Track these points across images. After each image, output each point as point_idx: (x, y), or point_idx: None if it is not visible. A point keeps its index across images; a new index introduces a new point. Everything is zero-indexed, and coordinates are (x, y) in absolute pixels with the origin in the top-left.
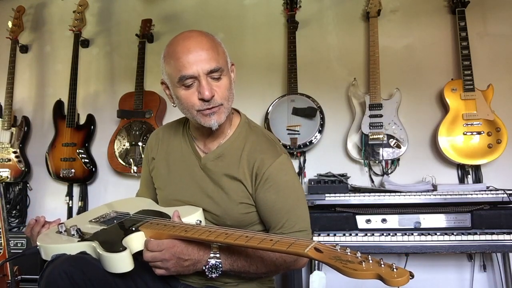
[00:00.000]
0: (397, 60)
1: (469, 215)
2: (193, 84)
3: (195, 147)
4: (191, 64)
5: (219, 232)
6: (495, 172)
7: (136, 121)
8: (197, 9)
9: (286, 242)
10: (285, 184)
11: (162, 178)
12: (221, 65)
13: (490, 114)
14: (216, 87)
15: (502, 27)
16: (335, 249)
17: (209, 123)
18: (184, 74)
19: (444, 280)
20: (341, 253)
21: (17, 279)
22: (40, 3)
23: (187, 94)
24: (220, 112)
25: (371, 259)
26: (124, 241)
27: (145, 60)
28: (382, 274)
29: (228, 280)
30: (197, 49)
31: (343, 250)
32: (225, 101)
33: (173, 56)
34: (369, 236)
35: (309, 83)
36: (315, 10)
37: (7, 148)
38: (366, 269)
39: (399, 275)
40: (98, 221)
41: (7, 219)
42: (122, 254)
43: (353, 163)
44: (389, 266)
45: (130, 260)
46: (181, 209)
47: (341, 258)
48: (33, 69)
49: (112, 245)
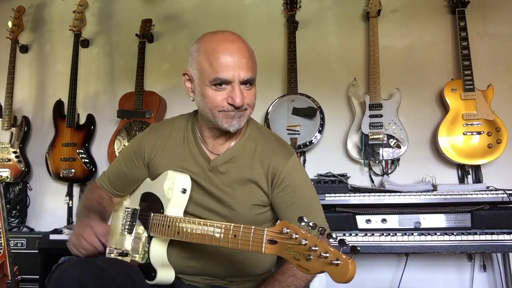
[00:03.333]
0: (397, 60)
1: (469, 215)
2: (224, 87)
3: (203, 148)
4: (229, 69)
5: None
6: (495, 172)
7: (136, 121)
8: (197, 9)
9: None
10: (300, 182)
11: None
12: (255, 76)
13: (490, 114)
14: (246, 94)
15: (502, 27)
16: (288, 239)
17: (229, 124)
18: (220, 77)
19: (444, 280)
20: (293, 243)
21: (17, 279)
22: (40, 3)
23: (215, 95)
24: (243, 116)
25: (316, 247)
26: (151, 258)
27: (145, 60)
28: (326, 271)
29: (234, 279)
30: (239, 55)
31: (293, 235)
32: (250, 108)
33: (212, 54)
34: (369, 236)
35: (309, 83)
36: (315, 10)
37: (7, 148)
38: (313, 266)
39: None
40: (123, 229)
41: (7, 219)
42: (157, 279)
43: (353, 163)
44: (332, 260)
45: (165, 273)
46: (171, 173)
47: (293, 252)
48: (33, 69)
49: (147, 274)
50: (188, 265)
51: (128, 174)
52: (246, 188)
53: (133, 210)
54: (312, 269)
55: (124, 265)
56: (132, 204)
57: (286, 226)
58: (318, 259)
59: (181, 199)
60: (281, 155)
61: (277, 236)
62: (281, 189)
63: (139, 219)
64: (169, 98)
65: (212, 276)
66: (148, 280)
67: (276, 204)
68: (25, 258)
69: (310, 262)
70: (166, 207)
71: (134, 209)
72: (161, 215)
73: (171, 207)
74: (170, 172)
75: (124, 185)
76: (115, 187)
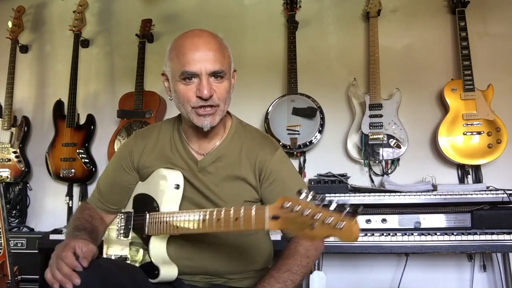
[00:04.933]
0: (397, 60)
1: (469, 215)
2: (193, 81)
3: (189, 149)
4: (195, 62)
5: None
6: (495, 172)
7: (136, 121)
8: (197, 9)
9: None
10: (288, 174)
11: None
12: (224, 69)
13: (490, 114)
14: (216, 87)
15: (502, 27)
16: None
17: (201, 123)
18: (187, 70)
19: (444, 280)
20: (295, 216)
21: (17, 279)
22: (40, 3)
23: (185, 89)
24: (215, 114)
25: (318, 215)
26: (152, 257)
27: (145, 60)
28: (332, 235)
29: (232, 277)
30: (205, 48)
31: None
32: (222, 103)
33: (180, 50)
34: (369, 236)
35: (309, 83)
36: (315, 10)
37: (7, 148)
38: (318, 233)
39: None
40: (119, 234)
41: (7, 219)
42: (161, 277)
43: (353, 163)
44: (336, 224)
45: (167, 270)
46: (163, 171)
47: (295, 224)
48: (33, 69)
49: (150, 273)
50: (187, 265)
51: (120, 182)
52: (236, 186)
53: (127, 214)
54: (318, 236)
55: (127, 267)
56: (125, 209)
57: (287, 200)
58: (323, 226)
59: (175, 194)
60: (267, 150)
61: (279, 211)
62: (270, 183)
63: (134, 221)
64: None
65: (211, 275)
66: (151, 279)
67: (265, 197)
68: (25, 258)
69: (315, 230)
70: (160, 204)
71: (127, 213)
72: (157, 213)
73: (165, 203)
74: (161, 169)
75: (118, 196)
76: (108, 200)
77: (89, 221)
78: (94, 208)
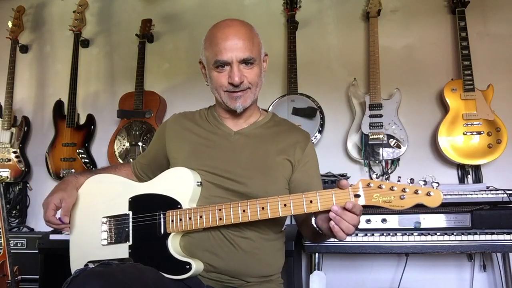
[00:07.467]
0: (397, 60)
1: (469, 215)
2: (225, 68)
3: (225, 125)
4: (227, 51)
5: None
6: (495, 172)
7: (136, 121)
8: (197, 9)
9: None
10: (316, 162)
11: (183, 151)
12: (254, 55)
13: (490, 114)
14: (246, 73)
15: (502, 27)
16: (374, 190)
17: (234, 105)
18: (219, 59)
19: (444, 280)
20: (381, 192)
21: (17, 279)
22: (40, 3)
23: (218, 76)
24: (246, 96)
25: (408, 189)
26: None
27: (145, 60)
28: (422, 202)
29: (251, 280)
30: (234, 38)
31: (381, 185)
32: (253, 86)
33: (213, 40)
34: (369, 236)
35: (309, 83)
36: (315, 10)
37: (7, 148)
38: (408, 202)
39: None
40: (111, 242)
41: (7, 219)
42: (194, 270)
43: (353, 163)
44: (426, 193)
45: (196, 262)
46: (185, 170)
47: (382, 198)
48: (33, 69)
49: (178, 270)
50: (209, 263)
51: (157, 156)
52: (272, 159)
53: (122, 216)
54: (407, 204)
55: (140, 273)
56: (111, 212)
57: (368, 182)
58: (412, 196)
59: (197, 192)
60: (305, 134)
61: (362, 190)
62: (303, 164)
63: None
64: (169, 98)
65: (231, 276)
66: (181, 275)
67: (297, 178)
68: (25, 258)
69: (404, 200)
70: (183, 201)
71: (123, 215)
72: (180, 210)
73: (188, 201)
74: (184, 169)
75: (155, 165)
76: (142, 167)
77: (114, 168)
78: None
